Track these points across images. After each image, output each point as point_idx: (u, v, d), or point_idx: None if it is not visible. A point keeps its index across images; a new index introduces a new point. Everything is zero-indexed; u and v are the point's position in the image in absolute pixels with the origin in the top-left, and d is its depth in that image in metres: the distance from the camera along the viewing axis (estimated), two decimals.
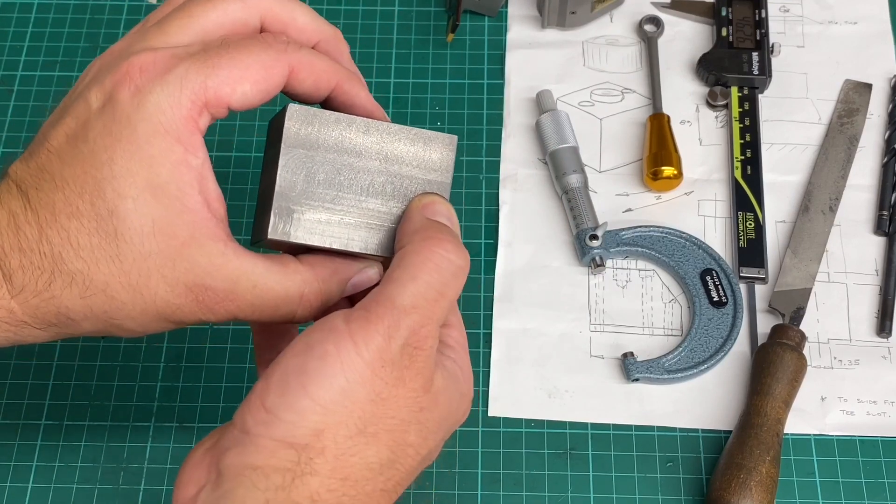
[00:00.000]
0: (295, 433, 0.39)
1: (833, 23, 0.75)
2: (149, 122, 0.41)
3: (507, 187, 0.69)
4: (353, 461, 0.40)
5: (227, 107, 0.43)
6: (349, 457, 0.40)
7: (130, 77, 0.42)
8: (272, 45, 0.43)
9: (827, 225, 0.67)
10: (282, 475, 0.39)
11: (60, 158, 0.42)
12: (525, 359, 0.63)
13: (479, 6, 0.75)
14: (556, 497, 0.59)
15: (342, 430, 0.40)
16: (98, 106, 0.42)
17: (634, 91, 0.73)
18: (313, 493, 0.39)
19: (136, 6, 0.77)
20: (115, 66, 0.42)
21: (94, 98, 0.42)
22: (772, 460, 0.57)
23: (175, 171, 0.41)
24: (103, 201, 0.41)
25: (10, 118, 0.72)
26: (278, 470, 0.39)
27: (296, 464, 0.39)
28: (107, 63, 0.44)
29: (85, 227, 0.41)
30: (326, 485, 0.39)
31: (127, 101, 0.41)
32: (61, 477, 0.59)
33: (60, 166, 0.42)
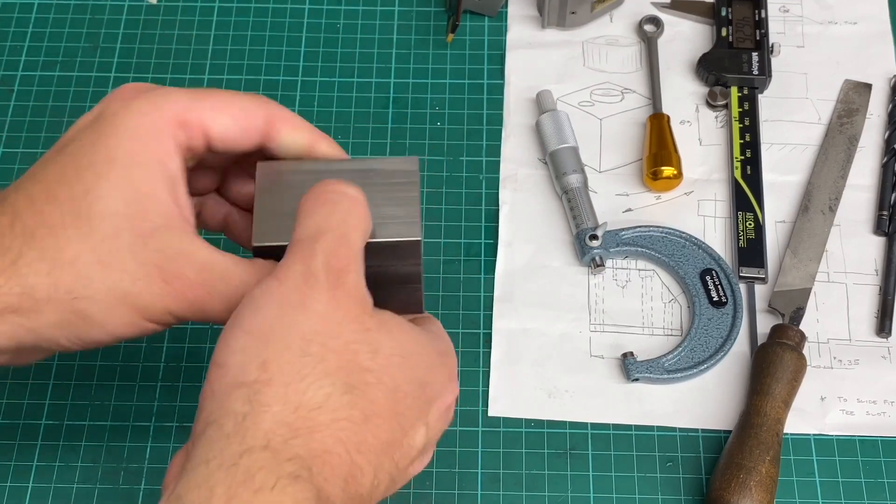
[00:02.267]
0: (243, 372, 0.39)
1: (833, 23, 0.75)
2: (131, 122, 0.43)
3: (507, 187, 0.69)
4: (302, 387, 0.39)
5: (207, 135, 0.45)
6: (298, 383, 0.39)
7: (121, 94, 0.45)
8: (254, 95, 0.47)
9: (827, 225, 0.67)
10: (233, 420, 0.38)
11: (45, 163, 0.44)
12: (525, 359, 0.63)
13: (479, 6, 0.75)
14: (556, 497, 0.59)
15: (286, 355, 0.39)
16: (88, 120, 0.45)
17: (634, 91, 0.73)
18: (268, 432, 0.38)
19: (137, 6, 0.77)
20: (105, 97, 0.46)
21: (85, 118, 0.45)
22: (771, 460, 0.57)
23: (150, 167, 0.43)
24: (81, 184, 0.42)
25: (10, 118, 0.72)
26: (230, 414, 0.38)
27: (246, 402, 0.38)
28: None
29: (59, 209, 0.42)
30: (280, 418, 0.38)
31: (115, 109, 0.44)
32: (61, 477, 0.59)
33: (43, 167, 0.43)
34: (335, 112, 0.72)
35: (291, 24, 0.76)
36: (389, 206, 0.47)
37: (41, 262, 0.42)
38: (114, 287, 0.42)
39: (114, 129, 0.43)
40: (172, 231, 0.43)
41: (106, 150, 0.43)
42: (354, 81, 0.73)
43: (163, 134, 0.43)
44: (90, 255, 0.42)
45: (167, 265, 0.42)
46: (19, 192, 0.43)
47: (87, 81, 0.73)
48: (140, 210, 0.42)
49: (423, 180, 0.69)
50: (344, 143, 0.70)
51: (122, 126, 0.43)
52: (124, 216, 0.42)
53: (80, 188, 0.42)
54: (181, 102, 0.44)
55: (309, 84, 0.73)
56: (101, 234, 0.42)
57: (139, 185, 0.42)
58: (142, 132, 0.43)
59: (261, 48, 0.75)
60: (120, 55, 0.74)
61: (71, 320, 0.42)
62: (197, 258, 0.43)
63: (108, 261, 0.42)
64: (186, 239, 0.43)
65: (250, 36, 0.75)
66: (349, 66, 0.74)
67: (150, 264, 0.42)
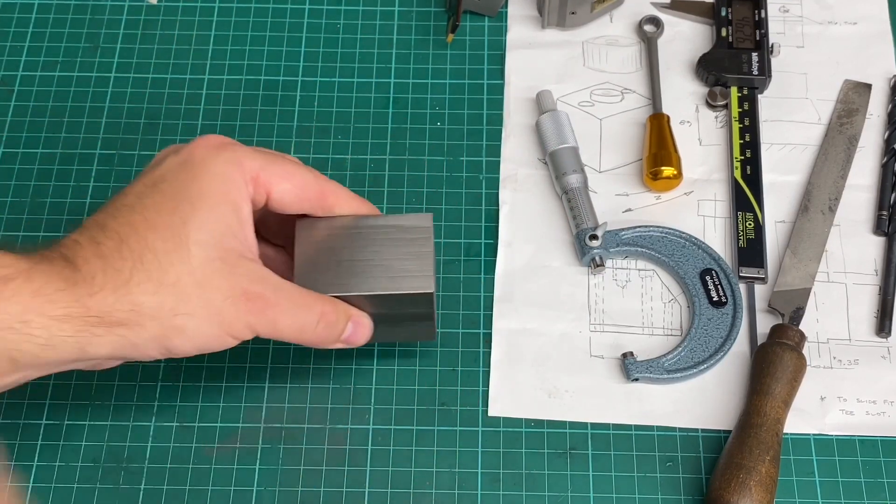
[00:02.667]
0: None
1: (833, 23, 0.75)
2: (217, 169, 0.51)
3: (507, 187, 0.69)
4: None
5: (269, 194, 0.53)
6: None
7: (207, 143, 0.52)
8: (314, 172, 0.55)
9: (826, 225, 0.67)
10: None
11: (139, 196, 0.50)
12: (525, 359, 0.63)
13: (479, 6, 0.75)
14: (556, 497, 0.59)
15: None
16: (177, 162, 0.51)
17: (634, 91, 0.73)
18: None
19: (137, 6, 0.77)
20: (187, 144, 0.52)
21: (172, 159, 0.52)
22: (771, 460, 0.57)
23: (232, 207, 0.50)
24: (179, 216, 0.49)
25: (10, 118, 0.72)
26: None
27: None
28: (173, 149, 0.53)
29: (161, 235, 0.49)
30: None
31: (203, 155, 0.51)
32: (62, 476, 0.60)
33: (139, 199, 0.50)
34: (335, 112, 0.72)
35: (291, 24, 0.76)
36: (406, 261, 0.55)
37: (148, 283, 0.48)
38: (208, 305, 0.49)
39: (204, 171, 0.50)
40: (250, 259, 0.51)
41: (198, 188, 0.50)
42: (354, 81, 0.73)
43: (241, 184, 0.51)
44: (189, 277, 0.48)
45: (251, 287, 0.50)
46: (119, 220, 0.49)
47: (88, 81, 0.73)
48: (226, 241, 0.50)
49: (424, 180, 0.69)
50: (344, 143, 0.70)
51: (212, 171, 0.50)
52: (214, 246, 0.49)
53: (177, 219, 0.49)
54: (257, 162, 0.52)
55: (309, 84, 0.73)
56: (198, 259, 0.49)
57: (224, 220, 0.50)
58: (226, 178, 0.50)
59: (261, 48, 0.75)
60: (120, 55, 0.74)
61: (168, 334, 0.49)
62: (273, 282, 0.51)
63: (204, 282, 0.49)
64: (262, 268, 0.51)
65: (250, 36, 0.75)
66: (349, 66, 0.74)
67: (238, 286, 0.50)
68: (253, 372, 0.63)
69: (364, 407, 0.62)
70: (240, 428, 0.61)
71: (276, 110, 0.72)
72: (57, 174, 0.69)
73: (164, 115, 0.72)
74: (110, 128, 0.71)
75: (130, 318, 0.48)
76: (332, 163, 0.70)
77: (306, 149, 0.70)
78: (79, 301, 0.47)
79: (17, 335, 0.45)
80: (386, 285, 0.54)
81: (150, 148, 0.70)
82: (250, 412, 0.61)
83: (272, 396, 0.62)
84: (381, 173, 0.70)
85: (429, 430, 0.61)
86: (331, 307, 0.53)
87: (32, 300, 0.46)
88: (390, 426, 0.61)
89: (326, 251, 0.55)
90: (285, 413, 0.61)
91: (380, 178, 0.69)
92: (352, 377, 0.62)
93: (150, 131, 0.71)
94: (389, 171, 0.70)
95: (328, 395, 0.62)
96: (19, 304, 0.45)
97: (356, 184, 0.69)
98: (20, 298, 0.45)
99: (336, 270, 0.55)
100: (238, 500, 0.59)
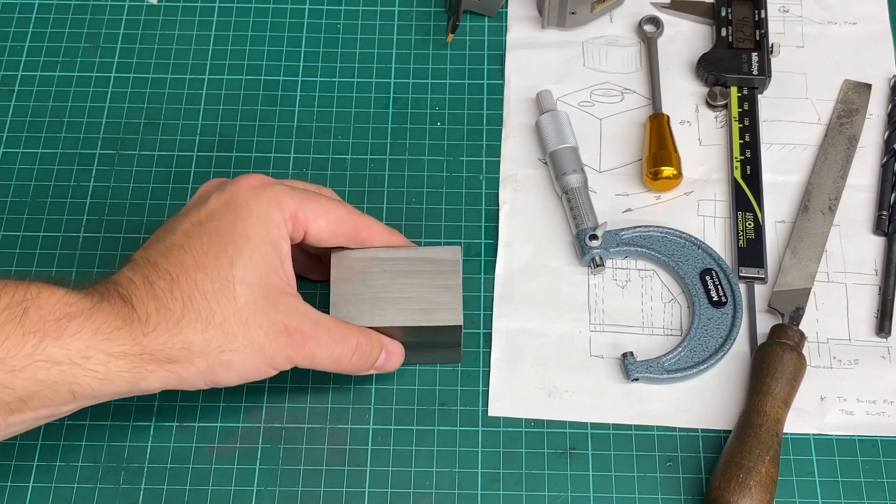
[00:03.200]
0: None
1: (832, 23, 0.76)
2: (259, 209, 0.54)
3: (507, 187, 0.69)
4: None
5: (306, 230, 0.56)
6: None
7: (249, 183, 0.55)
8: (348, 207, 0.58)
9: (826, 225, 0.67)
10: None
11: (188, 235, 0.53)
12: (525, 359, 0.63)
13: (479, 6, 0.75)
14: (556, 496, 0.59)
15: None
16: (222, 202, 0.54)
17: (634, 91, 0.73)
18: None
19: (137, 6, 0.77)
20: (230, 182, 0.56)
21: (216, 199, 0.55)
22: (771, 460, 0.57)
23: (273, 246, 0.54)
24: (226, 257, 0.52)
25: (10, 118, 0.72)
26: None
27: None
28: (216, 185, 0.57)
29: (209, 276, 0.52)
30: None
31: (246, 195, 0.54)
32: (62, 476, 0.60)
33: (188, 239, 0.53)
34: (335, 112, 0.72)
35: (291, 24, 0.76)
36: (436, 293, 0.58)
37: (198, 323, 0.51)
38: (252, 341, 0.52)
39: (248, 213, 0.53)
40: (290, 296, 0.54)
41: (243, 229, 0.53)
42: (354, 81, 0.73)
43: (281, 223, 0.54)
44: (235, 317, 0.52)
45: (291, 322, 0.53)
46: (170, 260, 0.52)
47: (88, 81, 0.73)
48: (267, 279, 0.53)
49: (424, 180, 0.69)
50: (344, 143, 0.71)
51: (255, 212, 0.54)
52: (258, 285, 0.53)
53: (225, 260, 0.52)
54: (295, 201, 0.55)
55: (309, 84, 0.73)
56: (243, 299, 0.52)
57: (267, 260, 0.53)
58: (268, 219, 0.54)
59: (261, 48, 0.75)
60: (120, 55, 0.74)
61: (214, 369, 0.52)
62: (312, 317, 0.54)
63: (249, 321, 0.52)
64: (301, 302, 0.54)
65: (250, 36, 0.75)
66: (349, 66, 0.74)
67: (279, 322, 0.53)
68: None
69: (364, 407, 0.62)
70: (240, 428, 0.61)
71: (276, 110, 0.72)
72: (57, 174, 0.69)
73: (164, 115, 0.72)
74: (110, 128, 0.71)
75: (181, 356, 0.51)
76: (332, 163, 0.70)
77: (306, 149, 0.70)
78: (135, 339, 0.50)
79: (78, 370, 0.49)
80: (417, 318, 0.58)
81: (150, 148, 0.70)
82: (250, 412, 0.61)
83: (272, 396, 0.62)
84: (381, 173, 0.70)
85: (429, 430, 0.61)
86: (365, 338, 0.56)
87: (93, 337, 0.49)
88: (390, 426, 0.61)
89: (361, 283, 0.58)
90: (285, 413, 0.61)
91: (380, 178, 0.69)
92: (352, 377, 0.62)
93: (150, 131, 0.71)
94: (389, 171, 0.70)
95: (328, 395, 0.62)
96: (81, 340, 0.48)
97: (356, 184, 0.69)
98: (82, 335, 0.48)
99: (371, 302, 0.58)
100: (238, 500, 0.59)
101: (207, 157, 0.70)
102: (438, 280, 0.58)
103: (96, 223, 0.67)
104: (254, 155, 0.70)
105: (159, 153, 0.70)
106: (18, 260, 0.66)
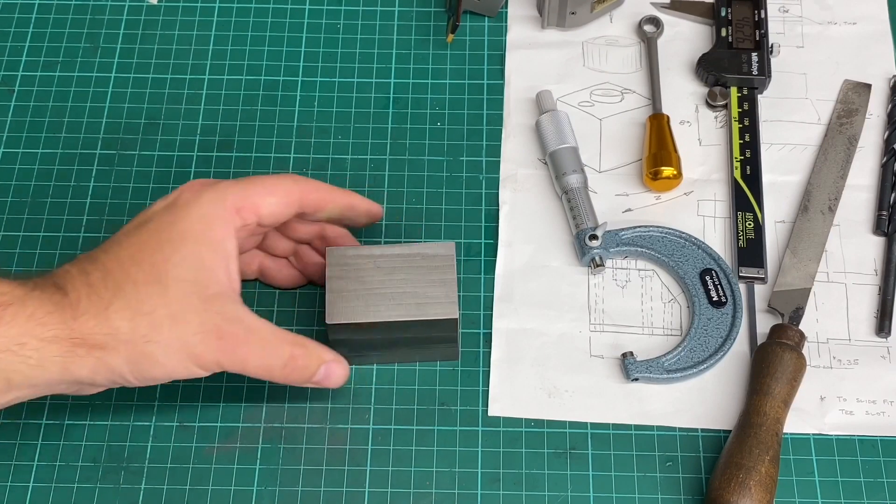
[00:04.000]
0: None
1: (832, 23, 0.76)
2: (200, 210, 0.54)
3: (507, 187, 0.69)
4: None
5: (258, 213, 0.55)
6: None
7: (190, 188, 0.55)
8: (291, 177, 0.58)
9: (826, 225, 0.67)
10: None
11: (127, 233, 0.54)
12: (525, 359, 0.63)
13: (479, 6, 0.75)
14: (556, 496, 0.59)
15: None
16: (164, 205, 0.55)
17: (634, 91, 0.73)
18: None
19: (137, 6, 0.77)
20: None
21: (160, 203, 0.55)
22: (771, 460, 0.57)
23: (213, 246, 0.53)
24: (161, 254, 0.52)
25: (10, 118, 0.72)
26: None
27: None
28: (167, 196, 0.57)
29: (143, 269, 0.52)
30: None
31: (188, 197, 0.54)
32: (62, 476, 0.60)
33: (127, 237, 0.54)
34: (335, 112, 0.72)
35: (291, 24, 0.76)
36: (431, 287, 0.58)
37: (126, 311, 0.51)
38: (178, 337, 0.52)
39: (187, 213, 0.54)
40: (227, 298, 0.53)
41: (181, 229, 0.53)
42: (354, 81, 0.73)
43: (224, 220, 0.54)
44: (164, 309, 0.51)
45: (224, 325, 0.52)
46: (108, 254, 0.53)
47: (88, 81, 0.73)
48: (204, 279, 0.53)
49: (424, 180, 0.69)
50: (344, 143, 0.71)
51: (195, 212, 0.54)
52: (192, 282, 0.52)
53: (159, 256, 0.52)
54: (238, 194, 0.55)
55: (309, 84, 0.73)
56: (173, 294, 0.52)
57: (204, 260, 0.53)
58: (210, 219, 0.54)
59: (261, 48, 0.75)
60: (120, 55, 0.74)
61: (139, 360, 0.51)
62: (247, 322, 0.53)
63: (177, 316, 0.52)
64: (239, 306, 0.54)
65: (250, 36, 0.75)
66: (349, 66, 0.74)
67: (210, 323, 0.52)
68: None
69: (364, 407, 0.62)
70: (240, 428, 0.61)
71: (276, 110, 0.72)
72: (57, 174, 0.69)
73: (164, 115, 0.72)
74: (110, 128, 0.71)
75: (108, 342, 0.51)
76: (332, 163, 0.70)
77: (306, 149, 0.70)
78: (65, 323, 0.50)
79: (13, 357, 0.49)
80: (413, 312, 0.58)
81: (150, 148, 0.70)
82: (250, 412, 0.61)
83: (272, 396, 0.62)
84: (381, 173, 0.70)
85: (429, 430, 0.61)
86: (301, 350, 0.55)
87: (27, 323, 0.49)
88: (390, 426, 0.61)
89: (355, 279, 0.58)
90: (285, 413, 0.61)
91: (380, 178, 0.69)
92: (352, 377, 0.62)
93: (150, 131, 0.71)
94: (389, 171, 0.70)
95: (328, 394, 0.62)
96: (16, 327, 0.49)
97: (356, 184, 0.69)
98: (17, 322, 0.49)
99: (366, 298, 0.58)
100: (238, 500, 0.59)
101: (207, 157, 0.70)
102: (433, 275, 0.58)
103: (96, 223, 0.67)
104: (254, 155, 0.70)
105: (159, 153, 0.70)
106: (18, 260, 0.66)
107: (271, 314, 0.64)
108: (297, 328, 0.64)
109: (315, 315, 0.64)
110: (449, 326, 0.59)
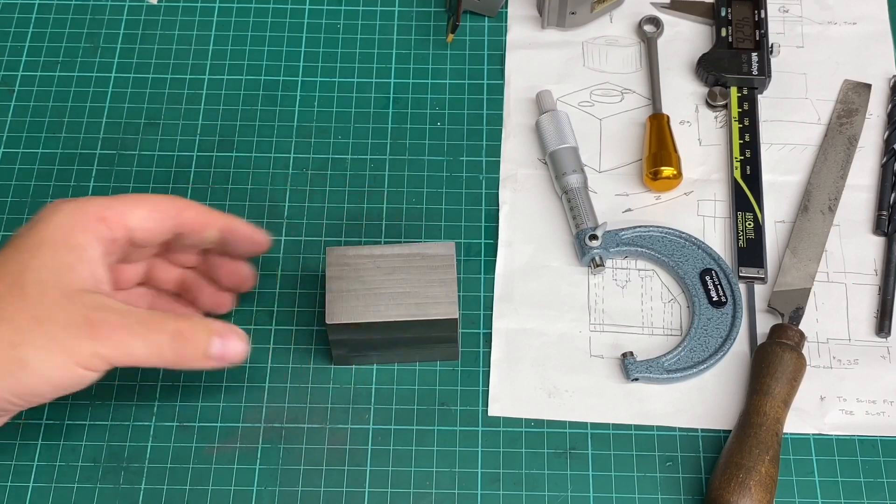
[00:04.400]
0: None
1: (832, 23, 0.76)
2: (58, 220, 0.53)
3: (507, 187, 0.69)
4: None
5: (126, 226, 0.54)
6: None
7: (55, 204, 0.54)
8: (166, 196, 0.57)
9: (826, 225, 0.67)
10: None
11: None
12: (525, 359, 0.63)
13: (479, 6, 0.75)
14: (556, 496, 0.59)
15: None
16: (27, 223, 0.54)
17: (634, 91, 0.73)
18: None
19: (137, 6, 0.77)
20: None
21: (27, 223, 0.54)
22: (771, 460, 0.57)
23: (73, 250, 0.52)
24: (18, 263, 0.52)
25: (10, 118, 0.72)
26: None
27: None
28: None
29: (2, 282, 0.51)
30: None
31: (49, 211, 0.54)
32: (62, 476, 0.60)
33: None
34: (335, 112, 0.72)
35: (291, 24, 0.76)
36: (431, 287, 0.58)
37: None
38: (47, 336, 0.50)
39: (45, 224, 0.53)
40: (95, 293, 0.52)
41: (39, 238, 0.53)
42: (354, 81, 0.73)
43: (84, 227, 0.53)
44: (25, 313, 0.50)
45: (92, 314, 0.51)
46: None
47: (88, 81, 0.73)
48: (65, 280, 0.51)
49: (424, 180, 0.69)
50: (344, 143, 0.71)
51: (54, 222, 0.53)
52: (51, 283, 0.51)
53: (17, 266, 0.52)
54: (101, 204, 0.54)
55: (309, 84, 0.73)
56: (32, 296, 0.51)
57: (64, 261, 0.52)
58: (66, 226, 0.53)
59: (261, 48, 0.75)
60: (120, 55, 0.74)
61: (10, 369, 0.50)
62: (118, 307, 0.52)
63: (41, 316, 0.50)
64: (107, 298, 0.52)
65: (250, 36, 0.75)
66: (349, 66, 0.74)
67: (77, 314, 0.50)
68: (253, 372, 0.63)
69: (364, 407, 0.62)
70: (240, 428, 0.61)
71: (276, 110, 0.72)
72: (57, 174, 0.69)
73: (164, 115, 0.72)
74: (110, 128, 0.71)
75: None
76: (332, 163, 0.70)
77: (306, 149, 0.70)
78: None
79: None
80: (413, 312, 0.58)
81: (150, 148, 0.70)
82: (250, 412, 0.61)
83: (272, 396, 0.62)
84: (381, 173, 0.70)
85: (429, 430, 0.61)
86: (187, 324, 0.53)
87: None
88: (390, 426, 0.61)
89: (355, 280, 0.58)
90: (285, 413, 0.61)
91: (380, 178, 0.69)
92: (352, 377, 0.62)
93: (150, 131, 0.71)
94: (389, 171, 0.70)
95: (328, 395, 0.62)
96: None
97: (356, 184, 0.69)
98: None
99: (365, 298, 0.58)
100: (238, 500, 0.59)
101: (207, 157, 0.70)
102: (433, 275, 0.59)
103: None
104: (254, 155, 0.70)
105: (159, 153, 0.70)
106: None
107: (271, 314, 0.64)
108: (298, 328, 0.64)
109: (315, 315, 0.64)
110: (449, 326, 0.59)
